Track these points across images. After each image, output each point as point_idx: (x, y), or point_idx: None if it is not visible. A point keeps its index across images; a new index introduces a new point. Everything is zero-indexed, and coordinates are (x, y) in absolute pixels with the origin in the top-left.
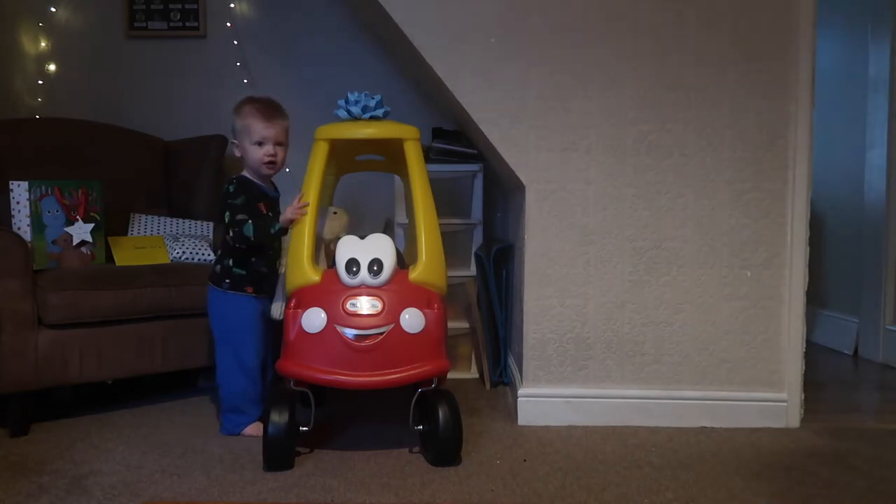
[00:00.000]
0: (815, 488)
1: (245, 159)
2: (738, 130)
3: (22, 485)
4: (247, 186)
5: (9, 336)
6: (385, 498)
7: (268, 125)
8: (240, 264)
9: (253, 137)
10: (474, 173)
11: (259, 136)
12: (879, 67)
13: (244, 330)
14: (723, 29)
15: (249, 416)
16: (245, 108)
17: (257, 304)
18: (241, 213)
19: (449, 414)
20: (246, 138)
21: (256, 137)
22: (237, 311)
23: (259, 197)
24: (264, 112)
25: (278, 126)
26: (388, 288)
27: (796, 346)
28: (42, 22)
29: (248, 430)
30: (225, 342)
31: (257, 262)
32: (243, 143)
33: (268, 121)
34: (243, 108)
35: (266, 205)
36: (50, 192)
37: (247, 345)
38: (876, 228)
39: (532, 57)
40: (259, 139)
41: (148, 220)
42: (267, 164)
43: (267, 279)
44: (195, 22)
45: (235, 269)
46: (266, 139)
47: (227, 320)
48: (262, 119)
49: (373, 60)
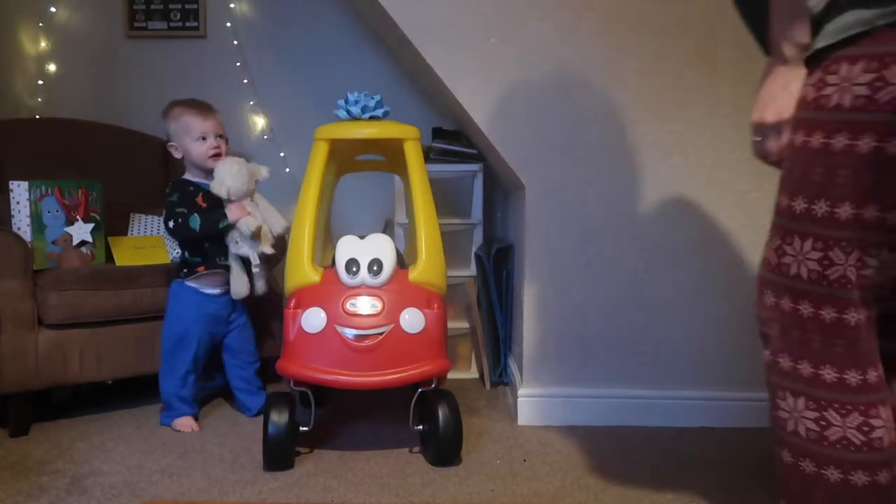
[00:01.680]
0: None
1: (188, 158)
2: (737, 130)
3: (22, 485)
4: (181, 185)
5: (9, 336)
6: (385, 498)
7: (205, 119)
8: (194, 252)
9: (193, 134)
10: (474, 173)
11: (200, 132)
12: None
13: (189, 321)
14: (723, 29)
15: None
16: (175, 109)
17: (212, 303)
18: (180, 208)
19: (449, 414)
20: (186, 137)
21: (197, 133)
22: (186, 302)
23: (195, 192)
24: (198, 108)
25: (214, 119)
26: (387, 288)
27: None
28: (42, 22)
29: (177, 423)
30: (169, 335)
31: (212, 246)
32: (183, 143)
33: (204, 116)
34: (173, 110)
35: (203, 197)
36: (50, 192)
37: (189, 337)
38: None
39: (532, 57)
40: (200, 134)
41: (148, 220)
42: (213, 157)
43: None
44: (195, 22)
45: (192, 258)
46: (207, 133)
47: (174, 310)
48: (197, 115)
49: (373, 60)
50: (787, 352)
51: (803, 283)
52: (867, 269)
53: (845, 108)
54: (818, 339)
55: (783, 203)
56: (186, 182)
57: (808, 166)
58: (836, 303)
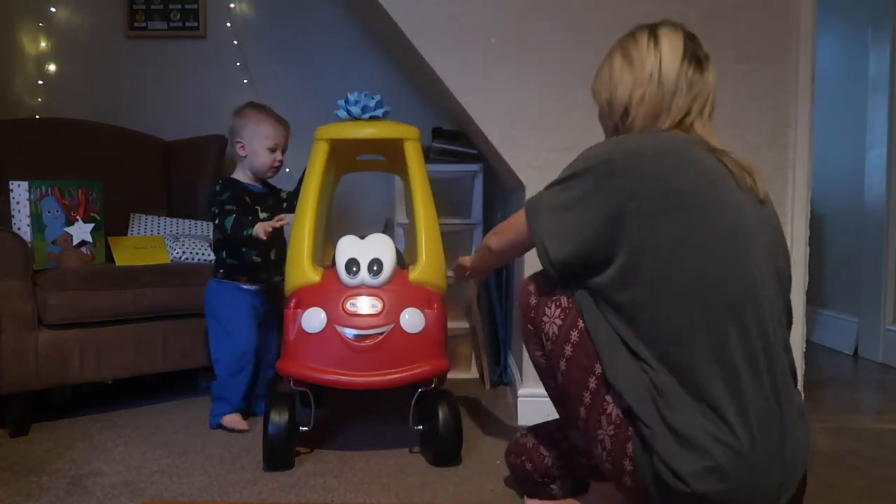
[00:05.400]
0: (815, 488)
1: (249, 160)
2: (738, 130)
3: (22, 485)
4: (232, 185)
5: (9, 336)
6: (385, 498)
7: (282, 133)
8: (232, 254)
9: (267, 143)
10: (474, 173)
11: (273, 142)
12: (879, 67)
13: (235, 316)
14: (723, 29)
15: (230, 404)
16: (256, 112)
17: (251, 295)
18: (229, 205)
19: (448, 414)
20: (257, 141)
21: (271, 143)
22: (227, 299)
23: (244, 192)
24: (277, 120)
25: (287, 135)
26: (387, 288)
27: (796, 346)
28: (42, 22)
29: (225, 420)
30: (216, 330)
31: (248, 251)
32: (252, 145)
33: (282, 128)
34: (253, 113)
35: (251, 198)
36: (50, 192)
37: (238, 331)
38: (876, 228)
39: (532, 57)
40: (274, 144)
41: (148, 220)
42: (274, 169)
43: (262, 268)
44: (195, 22)
45: (228, 260)
46: (278, 146)
47: (217, 309)
48: (277, 126)
49: (373, 60)
50: None
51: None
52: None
53: None
54: None
55: None
56: (236, 181)
57: None
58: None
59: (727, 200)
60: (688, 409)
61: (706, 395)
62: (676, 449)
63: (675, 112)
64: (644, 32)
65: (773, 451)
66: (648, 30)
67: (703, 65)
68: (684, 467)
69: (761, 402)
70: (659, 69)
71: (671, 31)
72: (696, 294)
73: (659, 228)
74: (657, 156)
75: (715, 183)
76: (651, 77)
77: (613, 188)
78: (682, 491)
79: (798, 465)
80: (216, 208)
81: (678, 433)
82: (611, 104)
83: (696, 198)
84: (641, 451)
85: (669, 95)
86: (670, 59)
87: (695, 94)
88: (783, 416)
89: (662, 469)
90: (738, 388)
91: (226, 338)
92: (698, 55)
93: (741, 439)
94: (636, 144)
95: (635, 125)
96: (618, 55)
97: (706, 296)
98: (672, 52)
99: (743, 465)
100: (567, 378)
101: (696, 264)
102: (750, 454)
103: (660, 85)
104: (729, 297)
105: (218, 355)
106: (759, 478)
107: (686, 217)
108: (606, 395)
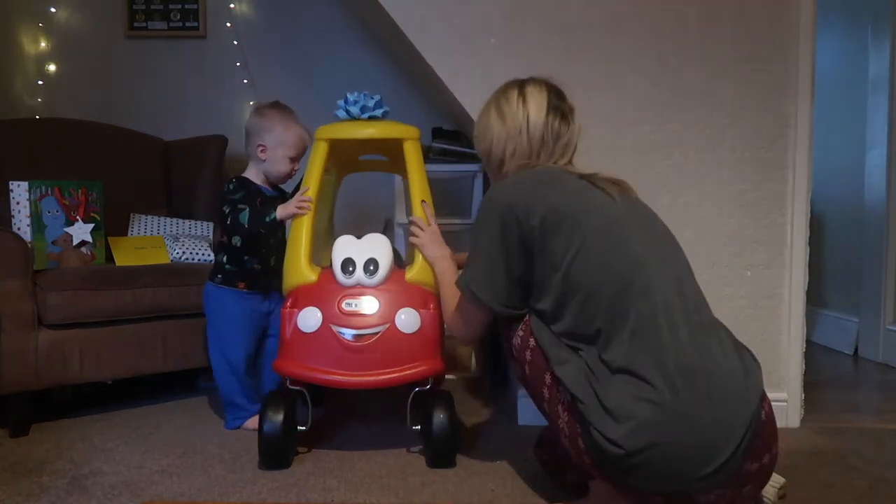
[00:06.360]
0: (815, 488)
1: (267, 164)
2: (738, 130)
3: (22, 485)
4: (245, 185)
5: (9, 336)
6: (385, 498)
7: (307, 144)
8: (232, 261)
9: (290, 152)
10: (474, 173)
11: (297, 153)
12: (879, 68)
13: (230, 325)
14: (723, 29)
15: (247, 410)
16: (283, 118)
17: (248, 300)
18: (242, 204)
19: (444, 416)
20: (282, 149)
21: (295, 153)
22: (224, 305)
23: (257, 194)
24: (304, 128)
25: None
26: (384, 288)
27: (796, 346)
28: (42, 22)
29: (248, 424)
30: (214, 336)
31: (250, 259)
32: (276, 152)
33: (308, 139)
34: (279, 118)
35: (262, 200)
36: (50, 192)
37: (231, 340)
38: (876, 228)
39: (532, 57)
40: (296, 155)
41: (148, 220)
42: (288, 177)
43: (261, 276)
44: (195, 22)
45: (227, 266)
46: (300, 157)
47: (215, 314)
48: (303, 136)
49: (373, 60)
50: None
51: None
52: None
53: None
54: None
55: None
56: (249, 182)
57: None
58: None
59: (595, 205)
60: (611, 379)
61: (624, 362)
62: (605, 416)
63: (544, 159)
64: (514, 89)
65: (700, 395)
66: (518, 86)
67: (568, 117)
68: (613, 431)
69: (680, 352)
70: (527, 124)
71: (537, 89)
72: (594, 277)
73: (550, 242)
74: (534, 185)
75: (581, 195)
76: (521, 132)
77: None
78: (617, 454)
79: (741, 405)
80: (227, 206)
81: (606, 402)
82: (488, 156)
83: (570, 207)
84: (582, 428)
85: (537, 146)
86: (536, 115)
87: (564, 143)
88: (706, 361)
89: (599, 438)
90: (654, 346)
91: (218, 347)
92: (562, 109)
93: (662, 392)
94: (514, 182)
95: (510, 173)
96: (493, 110)
97: (601, 278)
98: (538, 109)
99: (671, 416)
100: (531, 380)
101: (586, 256)
102: (674, 405)
103: (529, 139)
104: (620, 270)
105: (212, 363)
106: (692, 424)
107: (569, 227)
108: (559, 387)
